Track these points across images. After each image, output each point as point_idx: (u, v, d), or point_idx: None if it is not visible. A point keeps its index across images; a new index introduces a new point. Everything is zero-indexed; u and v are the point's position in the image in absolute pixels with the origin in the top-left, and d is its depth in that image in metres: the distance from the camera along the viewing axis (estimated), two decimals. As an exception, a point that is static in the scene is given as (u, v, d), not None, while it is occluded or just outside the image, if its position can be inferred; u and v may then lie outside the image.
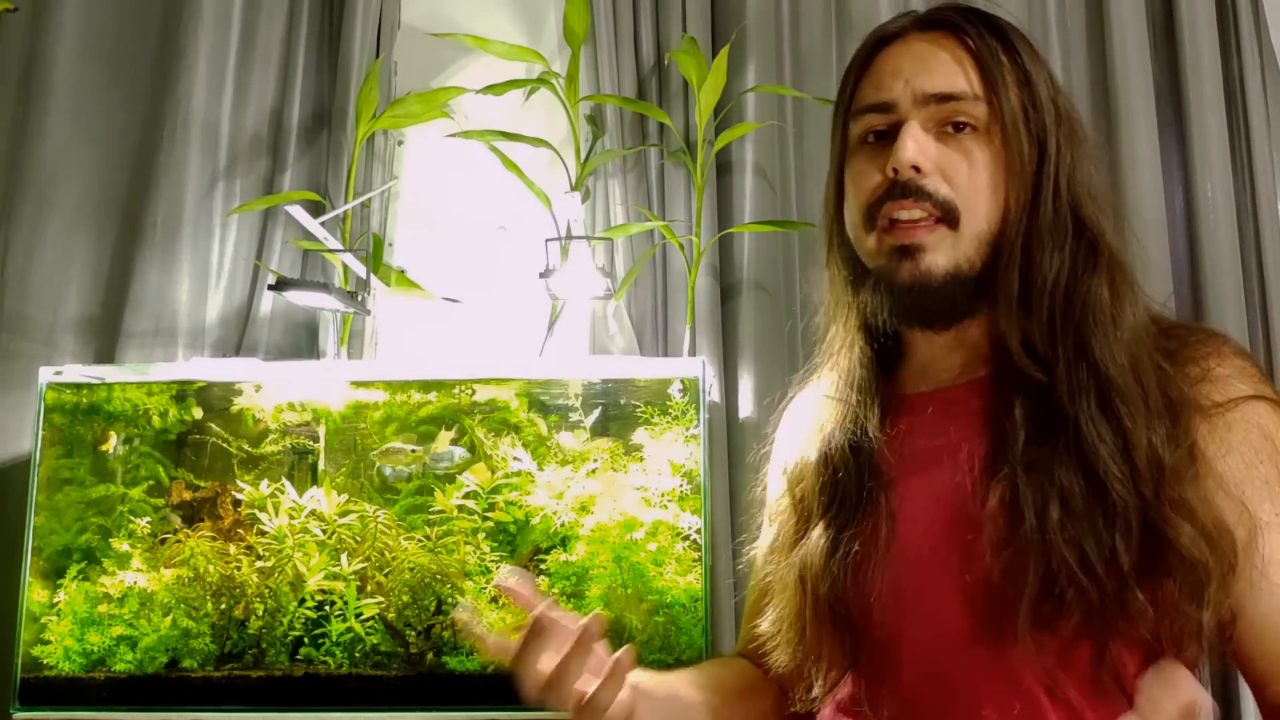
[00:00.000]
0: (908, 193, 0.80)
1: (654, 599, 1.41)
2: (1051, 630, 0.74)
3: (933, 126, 0.82)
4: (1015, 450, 0.77)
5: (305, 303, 1.62)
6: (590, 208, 1.75)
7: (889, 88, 0.83)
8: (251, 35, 1.81)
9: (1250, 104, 1.71)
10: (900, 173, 0.80)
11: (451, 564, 1.44)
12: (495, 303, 1.77)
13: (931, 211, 0.80)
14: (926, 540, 0.81)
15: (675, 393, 1.47)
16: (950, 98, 0.81)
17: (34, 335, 1.73)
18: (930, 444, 0.84)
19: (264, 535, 1.47)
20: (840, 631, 0.82)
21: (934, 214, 0.80)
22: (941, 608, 0.79)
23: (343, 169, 1.75)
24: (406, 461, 1.47)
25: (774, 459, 1.01)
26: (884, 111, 0.83)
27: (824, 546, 0.84)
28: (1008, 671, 0.77)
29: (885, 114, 0.83)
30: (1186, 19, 1.71)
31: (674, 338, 1.69)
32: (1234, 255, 1.66)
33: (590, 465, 1.46)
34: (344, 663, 1.42)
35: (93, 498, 1.50)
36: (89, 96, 1.80)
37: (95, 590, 1.46)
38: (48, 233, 1.75)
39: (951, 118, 0.81)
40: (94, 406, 1.52)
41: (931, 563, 0.80)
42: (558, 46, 1.81)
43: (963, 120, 0.81)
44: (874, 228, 0.83)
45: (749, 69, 1.74)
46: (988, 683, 0.77)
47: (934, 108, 0.81)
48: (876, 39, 0.87)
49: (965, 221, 0.80)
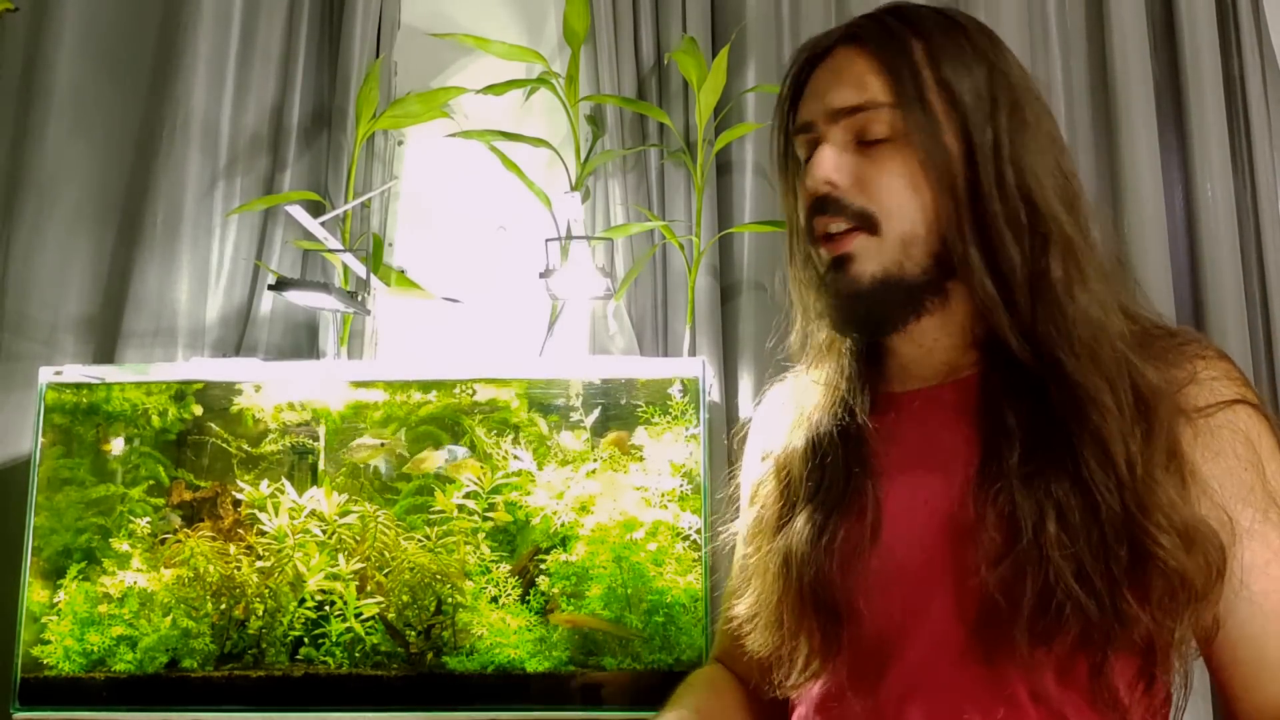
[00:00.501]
0: (826, 208, 0.84)
1: (654, 599, 1.41)
2: (1048, 645, 0.74)
3: (850, 141, 0.84)
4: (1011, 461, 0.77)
5: (305, 303, 1.62)
6: (590, 208, 1.75)
7: (809, 109, 0.87)
8: (251, 35, 1.81)
9: (1250, 104, 1.71)
10: (815, 190, 0.84)
11: (451, 564, 1.44)
12: (495, 303, 1.77)
13: (851, 222, 0.83)
14: (918, 545, 0.81)
15: (676, 393, 1.47)
16: (856, 109, 0.83)
17: (34, 335, 1.73)
18: (919, 444, 0.85)
19: (264, 535, 1.47)
20: (822, 618, 0.82)
21: (853, 224, 0.83)
22: (935, 617, 0.79)
23: (343, 169, 1.75)
24: (376, 455, 1.47)
25: (751, 442, 1.02)
26: (807, 131, 0.87)
27: (809, 531, 0.84)
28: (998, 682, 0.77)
29: (809, 133, 0.87)
30: (1186, 19, 1.71)
31: (674, 338, 1.69)
32: (1234, 255, 1.66)
33: (590, 465, 1.46)
34: (344, 663, 1.42)
35: (93, 498, 1.50)
36: (89, 96, 1.81)
37: (95, 590, 1.46)
38: (48, 233, 1.75)
39: (864, 129, 0.83)
40: (94, 406, 1.52)
41: (925, 570, 0.80)
42: (558, 46, 1.81)
43: (877, 129, 0.82)
44: (815, 244, 0.86)
45: (749, 69, 1.74)
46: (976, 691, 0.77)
47: (845, 122, 0.84)
48: (806, 58, 0.90)
49: (886, 227, 0.82)
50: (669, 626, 1.40)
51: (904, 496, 0.83)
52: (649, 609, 1.41)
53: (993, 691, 0.77)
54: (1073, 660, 0.75)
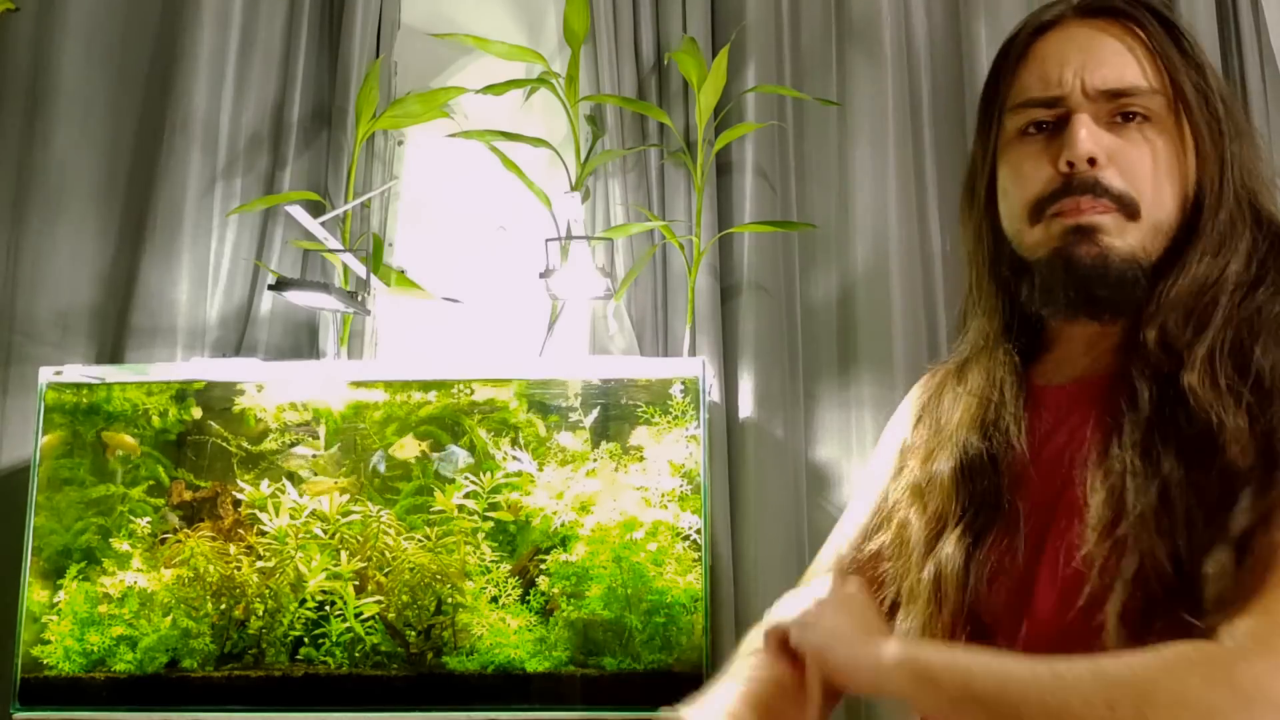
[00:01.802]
0: (1085, 189, 0.77)
1: (654, 599, 1.41)
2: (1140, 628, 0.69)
3: (1103, 117, 0.79)
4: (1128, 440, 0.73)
5: (305, 303, 1.62)
6: (590, 208, 1.75)
7: (1056, 80, 0.80)
8: (251, 35, 1.81)
9: (1250, 104, 1.71)
10: (1076, 166, 0.77)
11: (451, 564, 1.44)
12: (495, 303, 1.77)
13: (1110, 207, 0.77)
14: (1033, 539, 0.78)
15: (676, 393, 1.47)
16: (1124, 93, 0.78)
17: (41, 337, 1.73)
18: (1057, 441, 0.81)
19: (264, 535, 1.47)
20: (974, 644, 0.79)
21: (1111, 208, 0.77)
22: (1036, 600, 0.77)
23: (343, 169, 1.75)
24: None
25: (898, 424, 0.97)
26: (1050, 106, 0.80)
27: (960, 558, 0.80)
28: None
29: (1051, 108, 0.80)
30: (1186, 19, 1.71)
31: (674, 338, 1.69)
32: (1234, 255, 1.66)
33: (589, 465, 1.46)
34: (344, 663, 1.42)
35: (93, 498, 1.50)
36: (91, 97, 1.81)
37: (95, 590, 1.46)
38: (54, 235, 1.75)
39: (1122, 110, 0.78)
40: (94, 406, 1.52)
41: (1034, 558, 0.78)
42: (558, 46, 1.81)
43: (1134, 110, 0.78)
44: (1040, 221, 0.80)
45: (749, 69, 1.74)
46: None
47: (1105, 102, 0.78)
48: (1034, 27, 0.83)
49: (1145, 212, 0.78)
50: (669, 626, 1.40)
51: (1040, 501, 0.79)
52: (649, 609, 1.41)
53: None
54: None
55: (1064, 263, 0.78)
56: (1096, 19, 0.81)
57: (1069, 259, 0.78)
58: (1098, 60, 0.79)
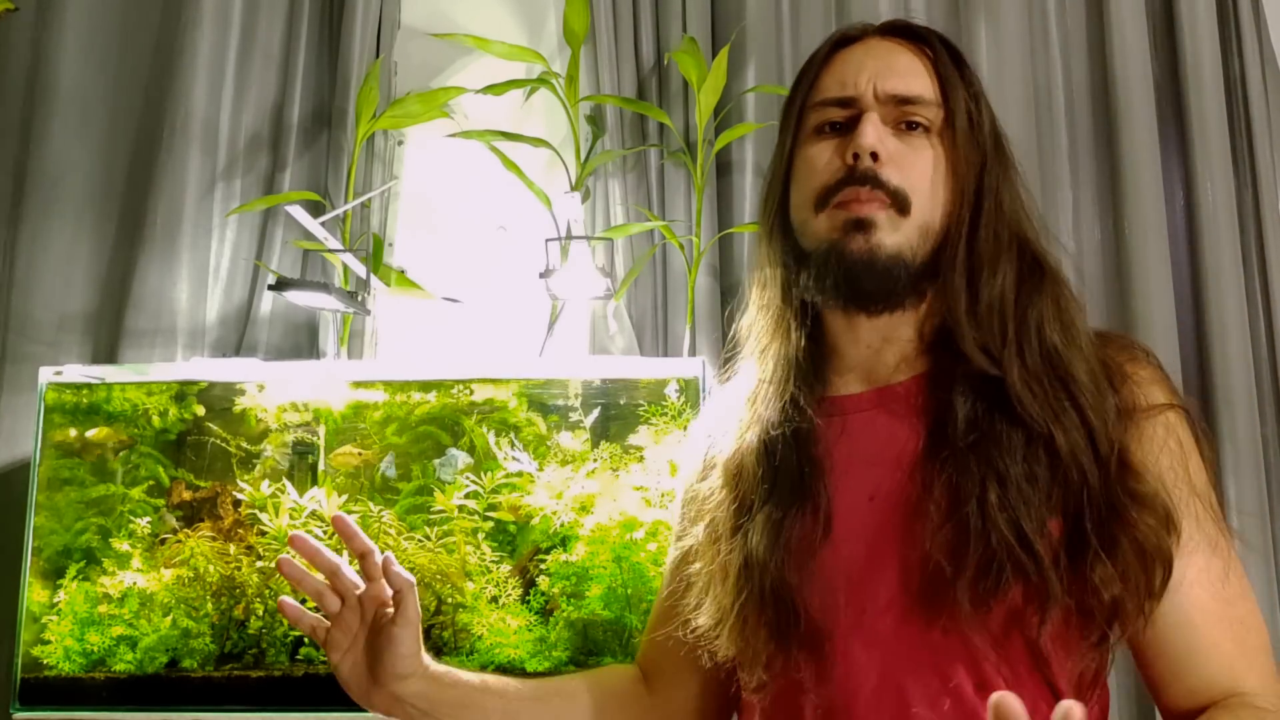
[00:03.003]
0: (865, 180, 0.84)
1: (654, 599, 1.41)
2: (989, 607, 0.76)
3: (889, 123, 0.86)
4: (956, 435, 0.80)
5: (305, 303, 1.62)
6: (590, 208, 1.75)
7: (852, 83, 0.87)
8: (251, 35, 1.81)
9: (1250, 104, 1.71)
10: (860, 158, 0.84)
11: (451, 564, 1.44)
12: (495, 303, 1.77)
13: (885, 201, 0.84)
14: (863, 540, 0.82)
15: (671, 393, 1.47)
16: (910, 100, 0.86)
17: (37, 336, 1.73)
18: (870, 442, 0.86)
19: (264, 535, 1.47)
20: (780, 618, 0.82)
21: (887, 202, 0.84)
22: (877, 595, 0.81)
23: (343, 169, 1.75)
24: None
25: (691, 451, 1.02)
26: (845, 105, 0.87)
27: (767, 533, 0.84)
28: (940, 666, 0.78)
29: (846, 108, 0.87)
30: (1186, 19, 1.72)
31: (674, 338, 1.69)
32: (1234, 255, 1.66)
33: (590, 465, 1.46)
34: (344, 663, 1.42)
35: (93, 498, 1.50)
36: (90, 97, 1.81)
37: (95, 590, 1.46)
38: (51, 234, 1.76)
39: (906, 118, 0.86)
40: (94, 406, 1.52)
41: (867, 560, 0.82)
42: (558, 46, 1.81)
43: (916, 120, 0.86)
44: (824, 209, 0.86)
45: (749, 69, 1.74)
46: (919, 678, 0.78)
47: (893, 107, 0.86)
48: (838, 39, 0.91)
49: (915, 210, 0.84)
50: (669, 626, 1.40)
51: (853, 492, 0.85)
52: (649, 609, 1.41)
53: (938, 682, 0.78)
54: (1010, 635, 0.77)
55: (837, 255, 0.84)
56: (894, 38, 0.90)
57: (841, 252, 0.84)
58: (890, 69, 0.87)
